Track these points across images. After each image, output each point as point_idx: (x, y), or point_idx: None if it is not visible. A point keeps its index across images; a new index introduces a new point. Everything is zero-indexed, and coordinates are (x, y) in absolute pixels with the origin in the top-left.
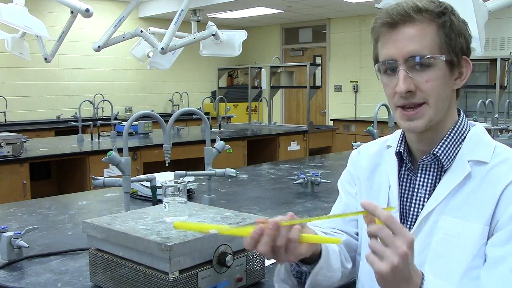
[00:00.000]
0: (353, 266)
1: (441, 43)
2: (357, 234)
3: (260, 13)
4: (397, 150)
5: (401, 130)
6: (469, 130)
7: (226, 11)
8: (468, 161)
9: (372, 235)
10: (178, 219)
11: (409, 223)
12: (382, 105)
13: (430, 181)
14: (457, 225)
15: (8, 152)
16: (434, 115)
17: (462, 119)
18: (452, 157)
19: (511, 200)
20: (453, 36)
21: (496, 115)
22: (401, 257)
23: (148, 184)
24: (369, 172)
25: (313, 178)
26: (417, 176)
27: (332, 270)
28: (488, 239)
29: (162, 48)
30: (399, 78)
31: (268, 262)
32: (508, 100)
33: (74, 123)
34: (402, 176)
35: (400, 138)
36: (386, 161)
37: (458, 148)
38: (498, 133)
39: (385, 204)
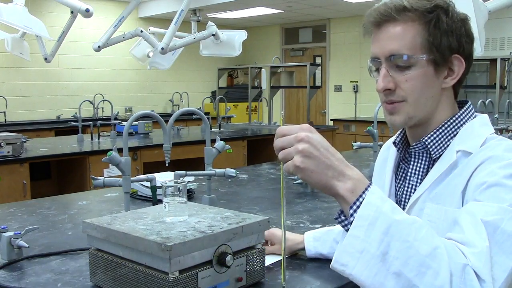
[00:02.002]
0: None
1: (422, 43)
2: None
3: (260, 13)
4: (393, 140)
5: None
6: (469, 122)
7: (226, 11)
8: (457, 151)
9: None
10: (178, 219)
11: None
12: None
13: (421, 169)
14: (439, 211)
15: (8, 152)
16: (414, 113)
17: (463, 113)
18: (443, 147)
19: (477, 176)
20: (438, 34)
21: (496, 115)
22: (303, 141)
23: (148, 184)
24: (381, 163)
25: None
26: (409, 164)
27: None
28: None
29: (162, 48)
30: (379, 76)
31: (268, 262)
32: (508, 100)
33: (74, 123)
34: (400, 166)
35: (401, 130)
36: (391, 152)
37: (450, 140)
38: (498, 133)
39: (386, 192)
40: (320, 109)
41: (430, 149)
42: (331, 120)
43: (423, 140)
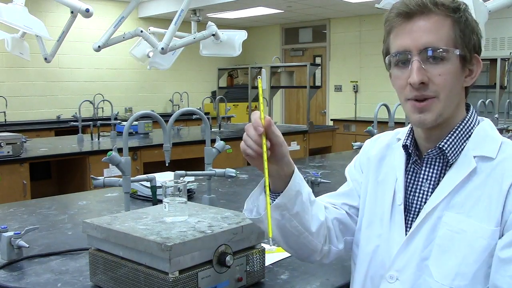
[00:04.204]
0: (345, 248)
1: (455, 38)
2: (357, 216)
3: (260, 13)
4: (404, 143)
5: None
6: (477, 125)
7: (226, 11)
8: (474, 157)
9: None
10: (178, 219)
11: (411, 216)
12: (382, 105)
13: (434, 175)
14: (461, 221)
15: (8, 152)
16: (444, 110)
17: (471, 115)
18: (458, 152)
19: None
20: (467, 32)
21: (496, 115)
22: None
23: (148, 184)
24: (377, 162)
25: (313, 178)
26: (421, 169)
27: (301, 223)
28: (499, 238)
29: (162, 48)
30: (412, 69)
31: (268, 262)
32: (508, 100)
33: (74, 123)
34: (408, 169)
35: (408, 132)
36: (394, 153)
37: (464, 144)
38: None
39: (390, 196)
40: (320, 109)
41: (448, 154)
42: (331, 120)
43: (440, 145)
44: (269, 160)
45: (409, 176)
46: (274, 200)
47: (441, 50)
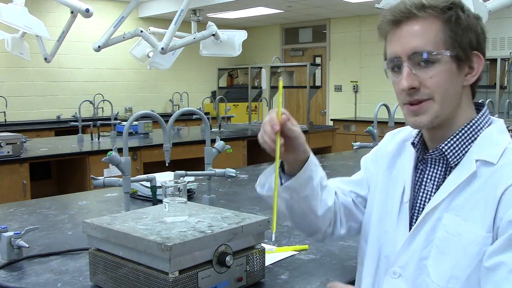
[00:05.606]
0: (347, 234)
1: (445, 39)
2: (363, 206)
3: (260, 13)
4: (412, 141)
5: None
6: (487, 127)
7: (226, 11)
8: (476, 160)
9: None
10: (178, 219)
11: (416, 214)
12: (382, 105)
13: (438, 175)
14: (458, 224)
15: (8, 152)
16: (440, 111)
17: (481, 116)
18: (461, 154)
19: (509, 204)
20: (459, 31)
21: (496, 115)
22: None
23: (148, 184)
24: (391, 158)
25: None
26: (426, 169)
27: (308, 206)
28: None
29: (162, 48)
30: (402, 75)
31: (268, 262)
32: (508, 100)
33: (74, 123)
34: (418, 167)
35: (418, 130)
36: (407, 151)
37: (469, 146)
38: None
39: (400, 193)
40: (320, 109)
41: (448, 156)
42: (331, 120)
43: (440, 147)
44: (286, 150)
45: (417, 174)
46: (287, 181)
47: (429, 53)
